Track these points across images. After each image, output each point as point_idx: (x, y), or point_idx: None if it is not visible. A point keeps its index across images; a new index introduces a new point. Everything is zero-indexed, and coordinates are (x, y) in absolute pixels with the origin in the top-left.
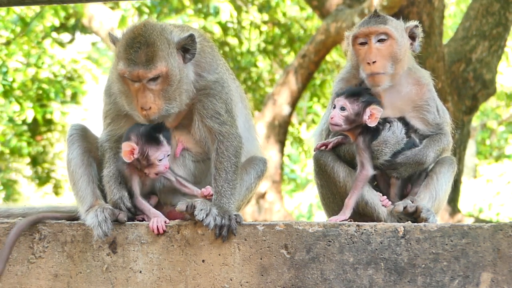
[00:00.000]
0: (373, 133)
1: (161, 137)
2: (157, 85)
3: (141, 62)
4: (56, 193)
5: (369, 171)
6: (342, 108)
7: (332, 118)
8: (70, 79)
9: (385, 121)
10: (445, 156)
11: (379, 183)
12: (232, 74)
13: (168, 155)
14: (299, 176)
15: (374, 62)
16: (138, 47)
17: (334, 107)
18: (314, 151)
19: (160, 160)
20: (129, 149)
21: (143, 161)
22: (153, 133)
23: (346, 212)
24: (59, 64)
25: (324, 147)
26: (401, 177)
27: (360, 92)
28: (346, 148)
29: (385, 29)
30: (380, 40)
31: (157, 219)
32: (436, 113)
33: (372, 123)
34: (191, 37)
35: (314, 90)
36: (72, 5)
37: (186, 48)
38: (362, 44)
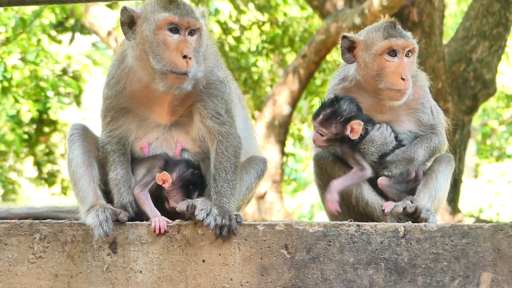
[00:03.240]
0: (361, 136)
1: (194, 197)
2: (193, 42)
3: (186, 12)
4: (65, 194)
5: (368, 171)
6: (320, 134)
7: (314, 141)
8: (65, 74)
9: (374, 123)
10: (443, 154)
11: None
12: (230, 75)
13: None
14: (301, 177)
15: (408, 79)
16: (179, 2)
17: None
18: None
19: (173, 207)
20: (164, 179)
21: (167, 194)
22: (191, 188)
23: (334, 194)
24: (53, 60)
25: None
26: (393, 175)
27: (333, 114)
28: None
29: (415, 45)
30: (407, 55)
31: (159, 219)
32: (430, 114)
33: (354, 137)
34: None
35: (316, 90)
36: (70, 5)
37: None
38: (391, 55)
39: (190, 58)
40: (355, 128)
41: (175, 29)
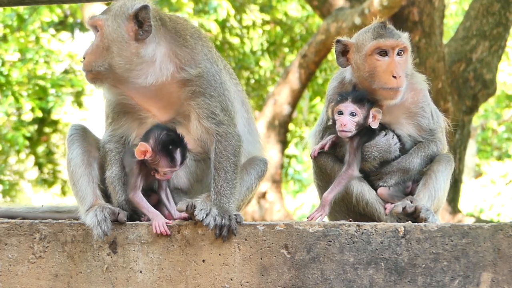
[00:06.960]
0: (369, 136)
1: (177, 156)
2: (96, 39)
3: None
4: (64, 194)
5: (355, 171)
6: (352, 114)
7: (345, 125)
8: (67, 73)
9: (382, 128)
10: (442, 154)
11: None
12: (236, 79)
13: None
14: (303, 177)
15: (399, 76)
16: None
17: (341, 113)
18: (312, 157)
19: (165, 173)
20: (143, 150)
21: (152, 165)
22: (171, 147)
23: (326, 208)
24: (55, 59)
25: (322, 149)
26: (389, 186)
27: (364, 95)
28: (343, 150)
29: (406, 44)
30: (398, 54)
31: (159, 222)
32: (430, 118)
33: (375, 125)
34: (145, 8)
35: (317, 89)
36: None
37: (140, 21)
38: (381, 55)
39: (84, 58)
40: (377, 115)
41: (96, 28)
